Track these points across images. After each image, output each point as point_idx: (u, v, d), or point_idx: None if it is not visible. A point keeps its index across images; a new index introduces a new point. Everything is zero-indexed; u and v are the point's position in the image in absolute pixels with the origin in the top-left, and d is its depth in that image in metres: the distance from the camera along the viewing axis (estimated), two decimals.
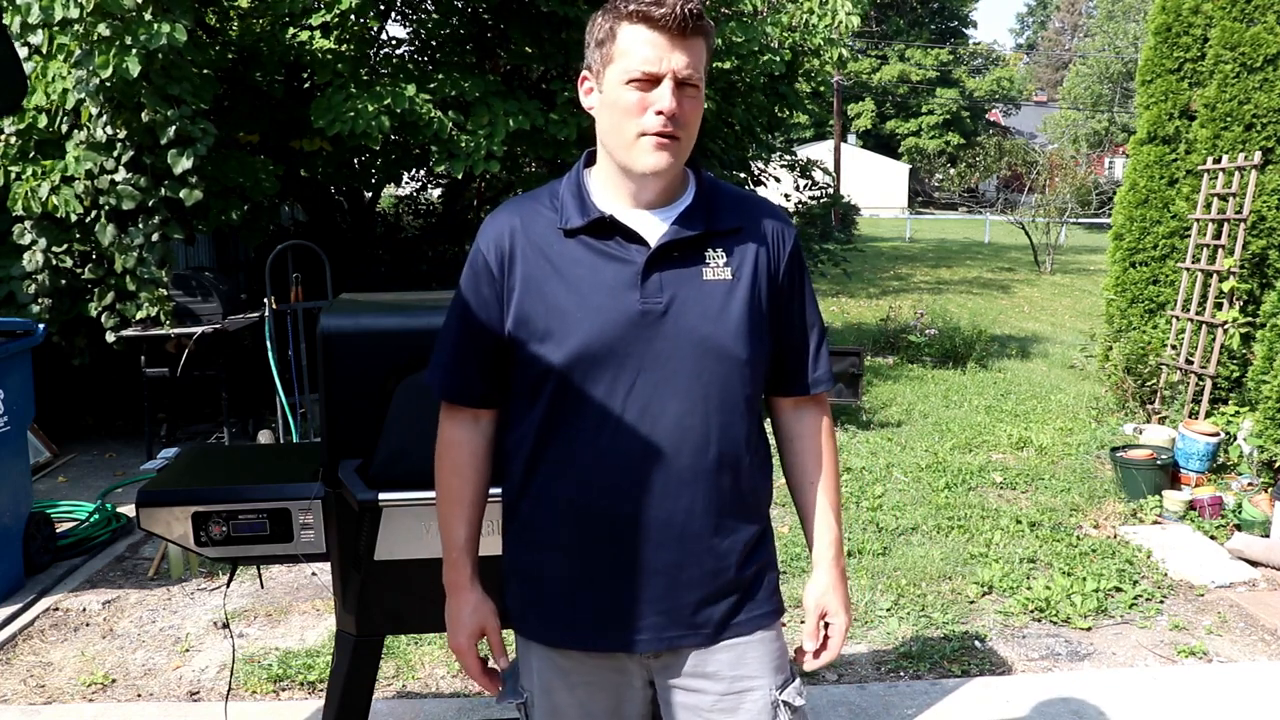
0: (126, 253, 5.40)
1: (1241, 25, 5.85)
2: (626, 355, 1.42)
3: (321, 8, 6.66)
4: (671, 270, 1.44)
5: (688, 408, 1.43)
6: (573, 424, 1.45)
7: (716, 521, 1.47)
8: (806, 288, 1.57)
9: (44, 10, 4.97)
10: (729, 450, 1.46)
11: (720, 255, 1.47)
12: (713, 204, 1.49)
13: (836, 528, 1.58)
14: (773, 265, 1.50)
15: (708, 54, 1.43)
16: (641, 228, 1.46)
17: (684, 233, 1.45)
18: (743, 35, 7.31)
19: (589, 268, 1.44)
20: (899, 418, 6.93)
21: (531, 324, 1.45)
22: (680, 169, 1.48)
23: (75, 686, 3.30)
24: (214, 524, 2.08)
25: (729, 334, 1.44)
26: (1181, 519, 4.74)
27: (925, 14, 44.54)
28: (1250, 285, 5.78)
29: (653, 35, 1.36)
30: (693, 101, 1.41)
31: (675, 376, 1.43)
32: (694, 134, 1.43)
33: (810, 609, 1.57)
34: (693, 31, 1.38)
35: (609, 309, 1.42)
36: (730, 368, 1.45)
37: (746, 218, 1.51)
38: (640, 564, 1.45)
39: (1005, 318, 12.96)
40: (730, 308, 1.45)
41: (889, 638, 3.59)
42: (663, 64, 1.37)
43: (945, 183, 32.82)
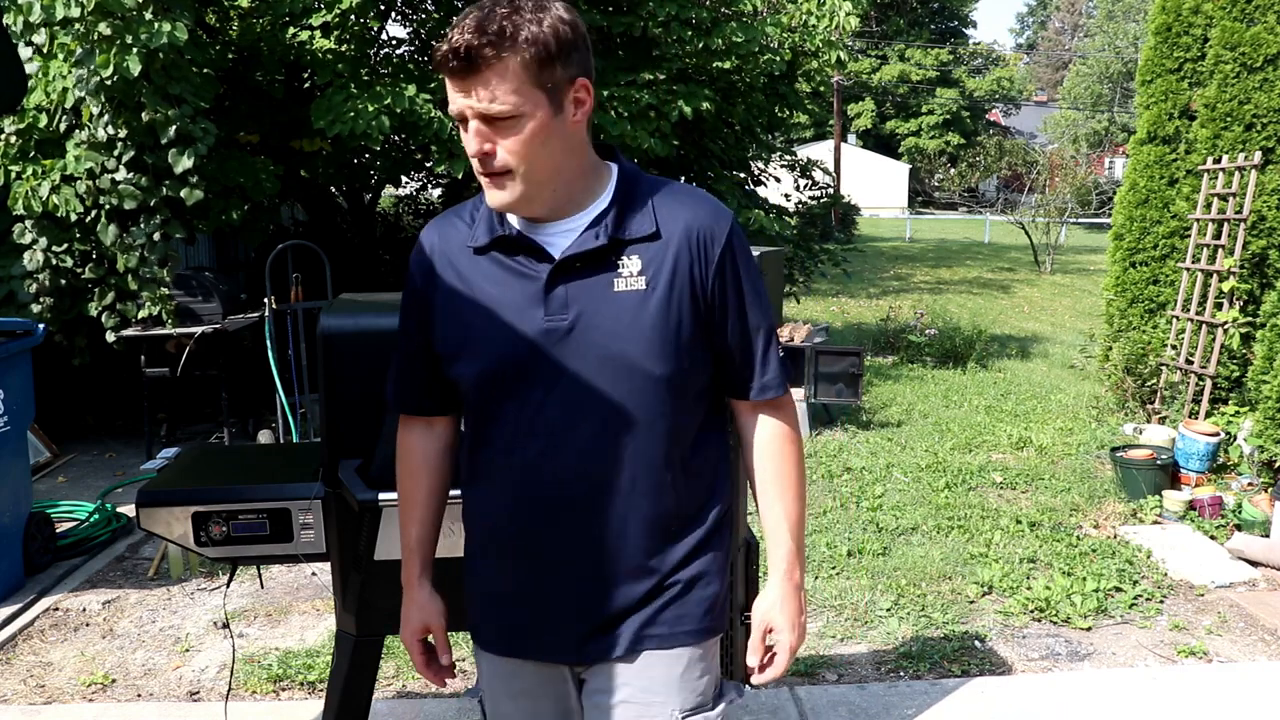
0: (128, 252, 5.40)
1: (1241, 25, 5.85)
2: (535, 375, 1.38)
3: (321, 8, 6.66)
4: (578, 283, 1.37)
5: (599, 428, 1.38)
6: (490, 443, 1.44)
7: (638, 540, 1.42)
8: (746, 287, 1.44)
9: (45, 9, 4.96)
10: (645, 472, 1.40)
11: (634, 263, 1.37)
12: (628, 208, 1.40)
13: (791, 541, 1.49)
14: (697, 270, 1.39)
15: (531, 65, 1.28)
16: (547, 240, 1.39)
17: (588, 244, 1.37)
18: (743, 35, 7.31)
19: (497, 285, 1.40)
20: (899, 418, 6.93)
21: (447, 343, 1.44)
22: (567, 183, 1.38)
23: (75, 686, 3.30)
24: (214, 524, 2.08)
25: (641, 349, 1.36)
26: (1181, 519, 4.74)
27: (925, 14, 44.52)
28: (1250, 285, 5.78)
29: (449, 79, 1.30)
30: (513, 133, 1.30)
31: (585, 396, 1.37)
32: (537, 157, 1.32)
33: (755, 623, 1.50)
34: (483, 64, 1.26)
35: (514, 328, 1.38)
36: (644, 385, 1.37)
37: (667, 219, 1.40)
38: (559, 579, 1.43)
39: (1005, 318, 12.96)
40: (643, 320, 1.36)
41: (889, 638, 3.59)
42: (460, 105, 1.30)
43: (945, 183, 32.80)
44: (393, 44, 8.80)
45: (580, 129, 1.36)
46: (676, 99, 7.11)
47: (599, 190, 1.41)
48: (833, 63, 9.11)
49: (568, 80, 1.32)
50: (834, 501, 5.08)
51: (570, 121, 1.34)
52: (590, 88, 1.35)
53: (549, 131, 1.32)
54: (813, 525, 4.72)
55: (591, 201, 1.40)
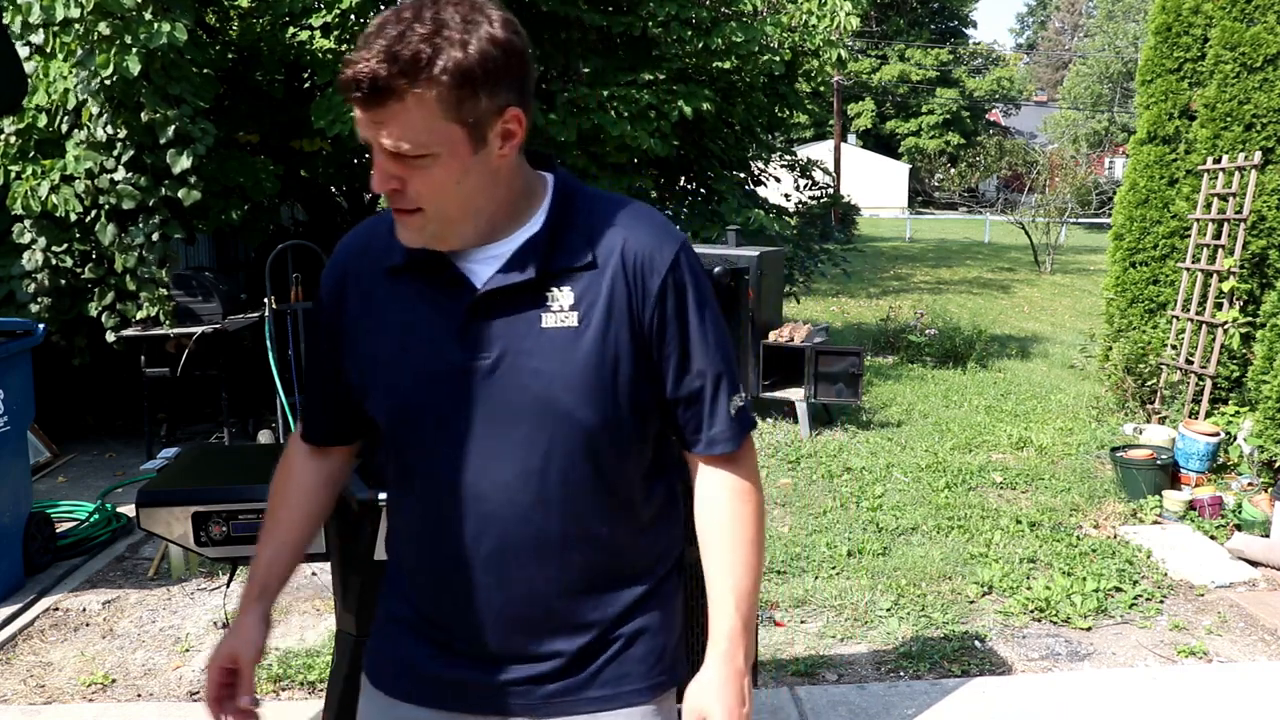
0: (127, 252, 5.41)
1: (1241, 25, 5.85)
2: (452, 419, 1.23)
3: (321, 8, 6.66)
4: (503, 318, 1.21)
5: (521, 479, 1.22)
6: (409, 487, 1.32)
7: (569, 595, 1.28)
8: (693, 324, 1.25)
9: (45, 10, 4.97)
10: (575, 525, 1.25)
11: (565, 296, 1.21)
12: (561, 233, 1.23)
13: (736, 617, 1.28)
14: (635, 302, 1.21)
15: (446, 98, 1.09)
16: (471, 268, 1.22)
17: (514, 276, 1.20)
18: (742, 35, 7.32)
19: (413, 314, 1.24)
20: (899, 418, 6.93)
21: (359, 374, 1.30)
22: (489, 213, 1.21)
23: (75, 686, 3.30)
24: (214, 524, 2.08)
25: (571, 393, 1.20)
26: (1181, 519, 4.74)
27: (925, 14, 44.53)
28: (1250, 285, 5.78)
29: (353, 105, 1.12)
30: (423, 172, 1.13)
31: (508, 442, 1.22)
32: (456, 201, 1.17)
33: (686, 711, 1.30)
34: (391, 97, 1.09)
35: (429, 365, 1.23)
36: (575, 432, 1.22)
37: (604, 245, 1.22)
38: (479, 632, 1.30)
39: (1005, 318, 12.97)
40: (573, 361, 1.20)
41: (889, 638, 3.59)
42: (369, 135, 1.13)
43: (945, 183, 32.81)
44: None
45: (507, 162, 1.19)
46: (676, 99, 7.12)
47: (530, 213, 1.24)
48: (833, 62, 9.12)
49: (494, 112, 1.14)
50: (834, 501, 5.08)
51: (495, 156, 1.17)
52: (523, 118, 1.17)
53: (466, 169, 1.15)
54: (812, 525, 4.72)
55: (521, 225, 1.24)
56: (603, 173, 7.50)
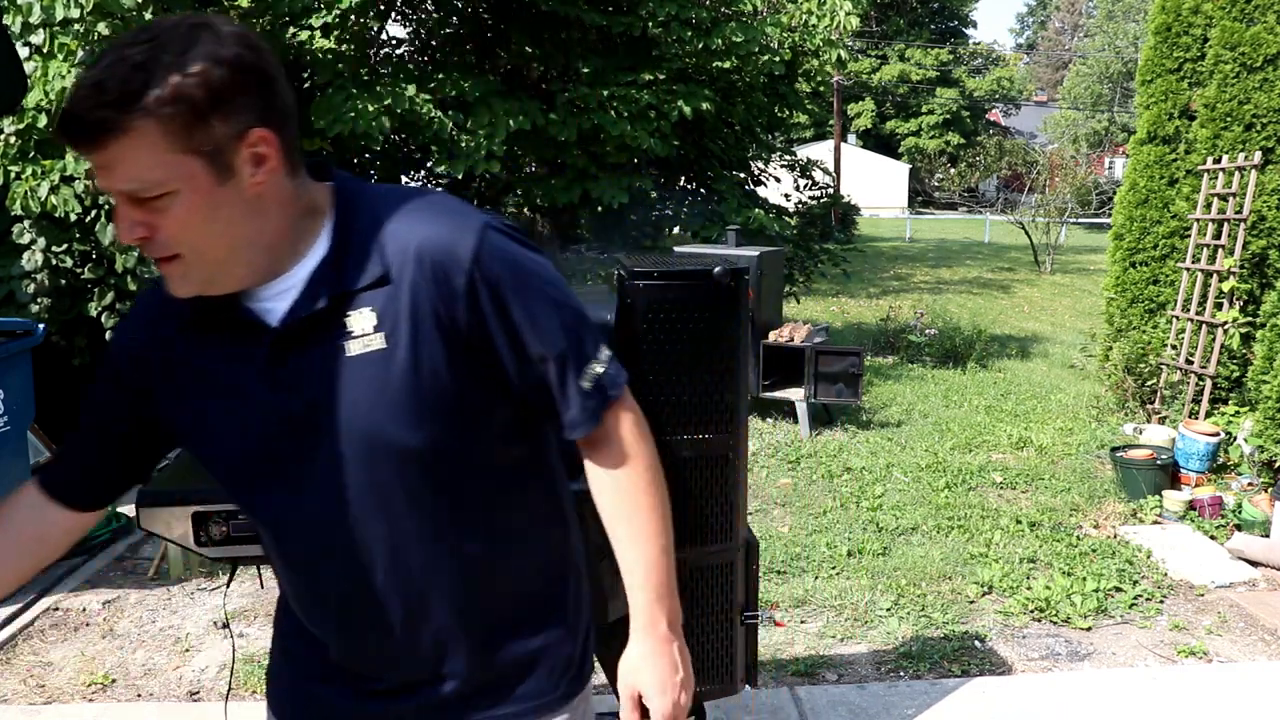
0: (127, 252, 5.40)
1: (1241, 25, 5.85)
2: (279, 469, 1.15)
3: (321, 8, 6.66)
4: (309, 354, 1.11)
5: (368, 517, 1.15)
6: (265, 541, 1.27)
7: (455, 622, 1.23)
8: (517, 312, 1.13)
9: (45, 10, 4.97)
10: (439, 551, 1.19)
11: (367, 318, 1.11)
12: (350, 249, 1.11)
13: (647, 589, 1.24)
14: (443, 307, 1.10)
15: (174, 131, 0.99)
16: (264, 307, 1.13)
17: (307, 308, 1.10)
18: (742, 35, 7.32)
19: (215, 369, 1.16)
20: (899, 418, 6.94)
21: (179, 438, 1.23)
22: (264, 246, 1.09)
23: (75, 686, 3.30)
24: (214, 524, 2.08)
25: (395, 421, 1.11)
26: (1181, 519, 4.74)
27: (925, 14, 44.54)
28: (1250, 285, 5.78)
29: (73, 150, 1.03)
30: (170, 212, 1.02)
31: (344, 484, 1.14)
32: (213, 239, 1.05)
33: (620, 689, 1.28)
34: (105, 134, 0.98)
35: (243, 417, 1.15)
36: (408, 458, 1.13)
37: (396, 254, 1.11)
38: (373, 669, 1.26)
39: (1005, 318, 12.97)
40: (390, 386, 1.10)
41: (889, 638, 3.59)
42: (100, 182, 1.03)
43: (945, 183, 32.82)
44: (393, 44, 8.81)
45: (266, 188, 1.06)
46: (676, 99, 7.12)
47: (315, 235, 1.13)
48: (833, 62, 9.12)
49: (233, 137, 1.02)
50: (834, 501, 5.08)
51: (248, 185, 1.05)
52: (272, 138, 1.05)
53: (216, 203, 1.04)
54: (812, 525, 4.72)
55: (307, 250, 1.12)
56: (603, 172, 7.50)
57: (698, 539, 2.22)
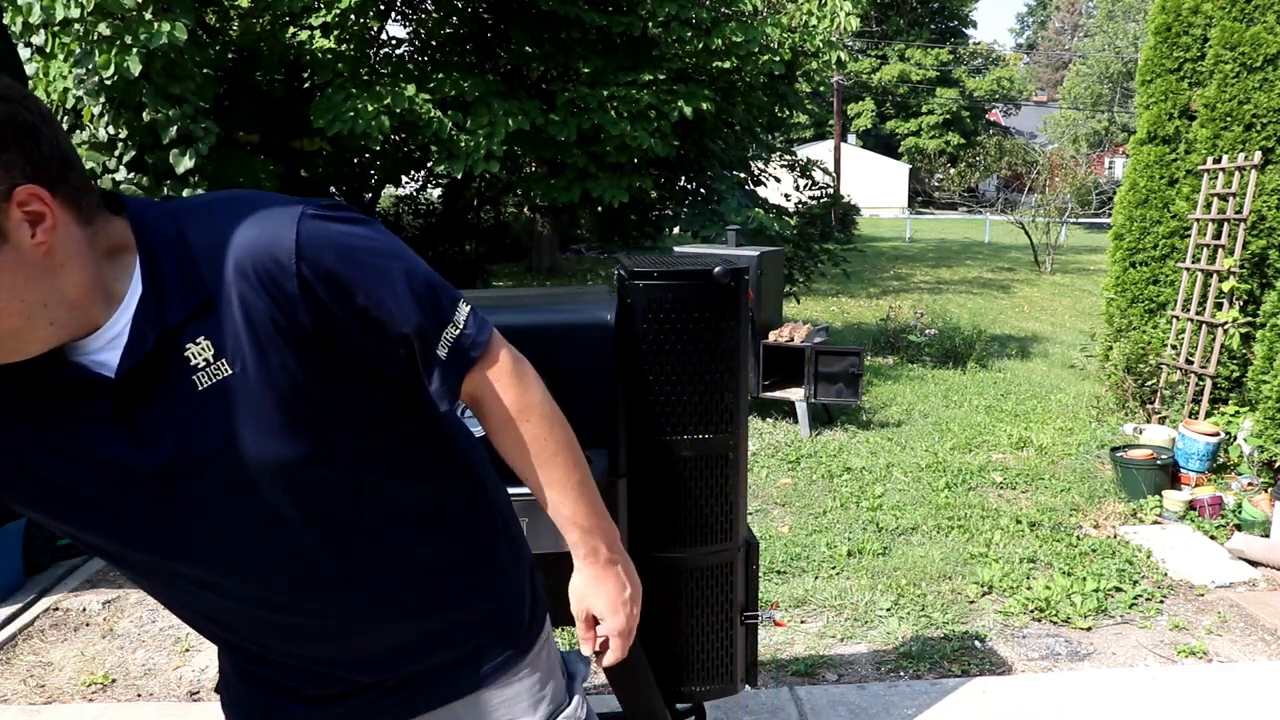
0: None
1: (1241, 25, 5.85)
2: (168, 527, 1.07)
3: (321, 7, 6.67)
4: (156, 400, 1.03)
5: (274, 549, 1.11)
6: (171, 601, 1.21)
7: (397, 621, 1.23)
8: (361, 297, 1.05)
9: (45, 10, 4.97)
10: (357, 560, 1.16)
11: (204, 348, 1.02)
12: (164, 280, 1.02)
13: (577, 526, 1.27)
14: (280, 314, 1.02)
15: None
16: (96, 361, 1.02)
17: (139, 351, 1.01)
18: (742, 35, 7.32)
19: (64, 438, 1.04)
20: (899, 418, 6.94)
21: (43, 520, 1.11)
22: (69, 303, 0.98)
23: (75, 686, 3.30)
24: None
25: (266, 443, 1.05)
26: (1181, 519, 4.74)
27: (925, 14, 44.55)
28: (1250, 285, 5.78)
29: None
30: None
31: (240, 522, 1.08)
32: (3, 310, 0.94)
33: (575, 614, 1.35)
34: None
35: (109, 485, 1.05)
36: (293, 477, 1.07)
37: (214, 272, 1.02)
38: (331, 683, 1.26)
39: (1005, 318, 12.97)
40: (250, 409, 1.04)
41: (889, 638, 3.59)
42: None
43: (945, 183, 32.82)
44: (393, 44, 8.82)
45: (51, 245, 0.95)
46: (676, 99, 7.13)
47: (127, 275, 1.03)
48: (833, 63, 9.14)
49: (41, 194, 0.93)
50: (834, 501, 5.08)
51: (29, 246, 0.94)
52: (44, 193, 0.94)
53: (11, 275, 0.93)
54: (812, 525, 4.72)
55: (124, 293, 1.02)
56: (603, 172, 7.50)
57: (698, 539, 2.22)
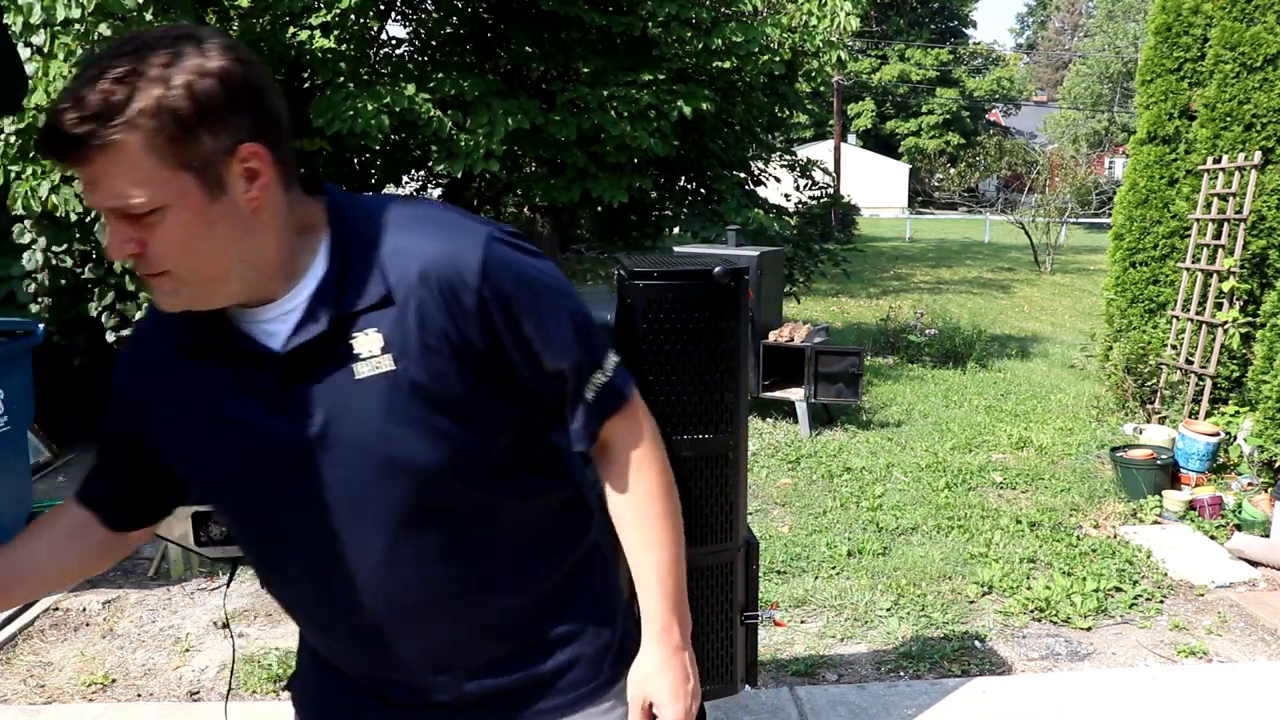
0: None
1: (1241, 25, 5.85)
2: (294, 497, 1.12)
3: (321, 7, 6.67)
4: (316, 378, 1.08)
5: (389, 542, 1.13)
6: (271, 577, 1.23)
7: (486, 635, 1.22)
8: (529, 327, 1.11)
9: (46, 10, 4.97)
10: (462, 568, 1.17)
11: (373, 340, 1.07)
12: (350, 269, 1.08)
13: (660, 597, 1.23)
14: (452, 325, 1.08)
15: (159, 147, 0.95)
16: (265, 331, 1.09)
17: (310, 332, 1.07)
18: (742, 35, 7.32)
19: (219, 395, 1.11)
20: (899, 418, 6.94)
21: (180, 469, 1.20)
22: (259, 266, 1.06)
23: (75, 686, 3.30)
24: (214, 524, 2.08)
25: (409, 441, 1.09)
26: (1181, 519, 4.74)
27: (925, 14, 44.56)
28: (1250, 285, 5.78)
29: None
30: (161, 228, 0.99)
31: (362, 509, 1.12)
32: (205, 256, 1.02)
33: (631, 698, 1.26)
34: (87, 149, 0.95)
35: (252, 447, 1.11)
36: (425, 479, 1.11)
37: (400, 272, 1.08)
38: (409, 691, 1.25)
39: (1005, 318, 12.97)
40: (402, 408, 1.08)
41: (889, 638, 3.59)
42: (88, 199, 1.00)
43: (945, 183, 32.82)
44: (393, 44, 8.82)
45: (262, 204, 1.03)
46: (676, 99, 7.12)
47: (312, 253, 1.09)
48: (833, 63, 9.13)
49: (224, 152, 0.99)
50: (834, 501, 5.08)
51: (242, 202, 1.01)
52: (264, 153, 1.01)
53: (209, 220, 1.00)
54: (812, 525, 4.72)
55: (305, 271, 1.09)
56: (603, 172, 7.50)
57: (698, 539, 2.22)
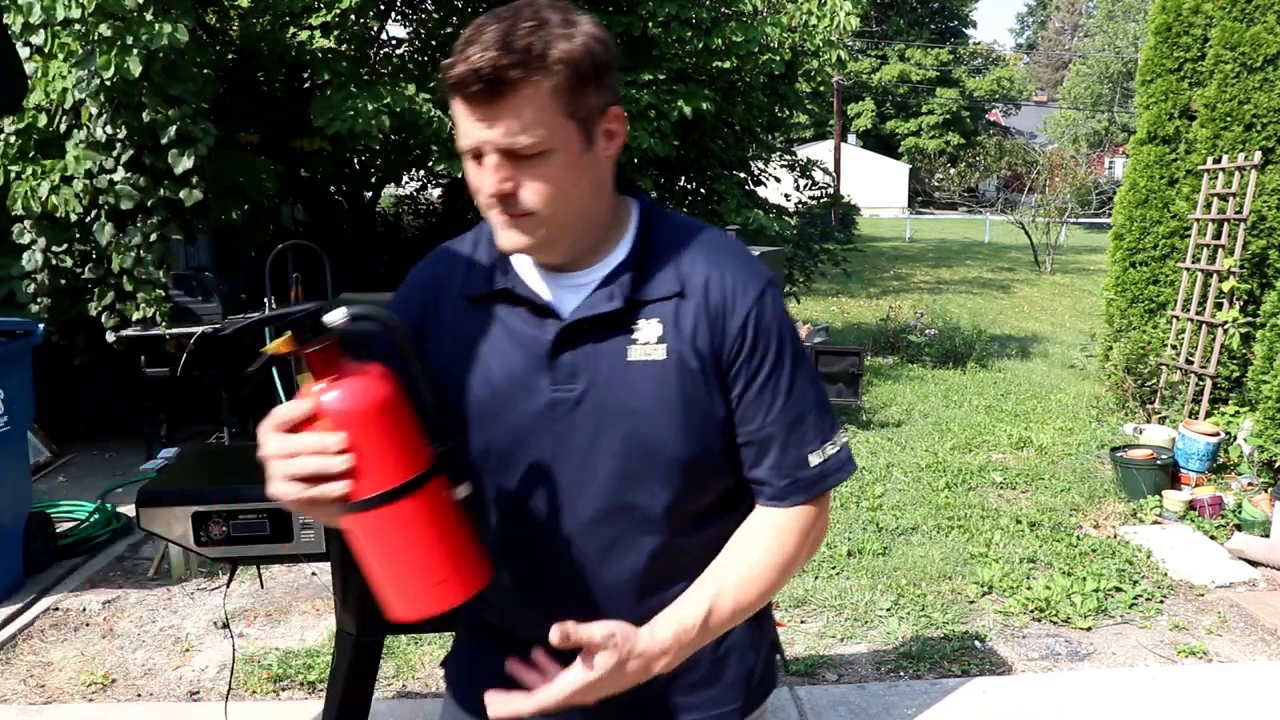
0: (124, 252, 5.40)
1: (1241, 25, 5.85)
2: (533, 453, 1.19)
3: (321, 7, 6.66)
4: (589, 349, 1.16)
5: (609, 515, 1.19)
6: (484, 521, 1.28)
7: None
8: (766, 368, 1.19)
9: (45, 10, 4.97)
10: (663, 559, 1.21)
11: (652, 329, 1.17)
12: (648, 261, 1.19)
13: (698, 623, 1.16)
14: (715, 339, 1.17)
15: (562, 92, 1.08)
16: (556, 295, 1.19)
17: (600, 306, 1.16)
18: (742, 35, 7.31)
19: (496, 344, 1.20)
20: (899, 418, 6.93)
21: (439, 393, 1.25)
22: (587, 226, 1.17)
23: (75, 686, 3.30)
24: (214, 524, 2.08)
25: (659, 427, 1.16)
26: (1181, 519, 4.74)
27: (925, 14, 44.54)
28: (1250, 285, 5.78)
29: (461, 104, 1.09)
30: (538, 171, 1.09)
31: (593, 477, 1.17)
32: (569, 202, 1.12)
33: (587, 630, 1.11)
34: (509, 88, 1.05)
35: (514, 397, 1.18)
36: (660, 466, 1.17)
37: (690, 276, 1.18)
38: None
39: (1005, 318, 12.96)
40: (662, 396, 1.16)
41: (889, 638, 3.59)
42: (478, 135, 1.09)
43: (945, 183, 32.82)
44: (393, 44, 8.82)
45: (610, 165, 1.17)
46: (676, 99, 7.12)
47: (618, 237, 1.21)
48: (833, 63, 9.12)
49: (600, 109, 1.12)
50: (834, 501, 5.08)
51: (602, 158, 1.15)
52: (624, 117, 1.17)
53: (580, 169, 1.12)
54: None
55: (609, 251, 1.20)
56: None
57: None
